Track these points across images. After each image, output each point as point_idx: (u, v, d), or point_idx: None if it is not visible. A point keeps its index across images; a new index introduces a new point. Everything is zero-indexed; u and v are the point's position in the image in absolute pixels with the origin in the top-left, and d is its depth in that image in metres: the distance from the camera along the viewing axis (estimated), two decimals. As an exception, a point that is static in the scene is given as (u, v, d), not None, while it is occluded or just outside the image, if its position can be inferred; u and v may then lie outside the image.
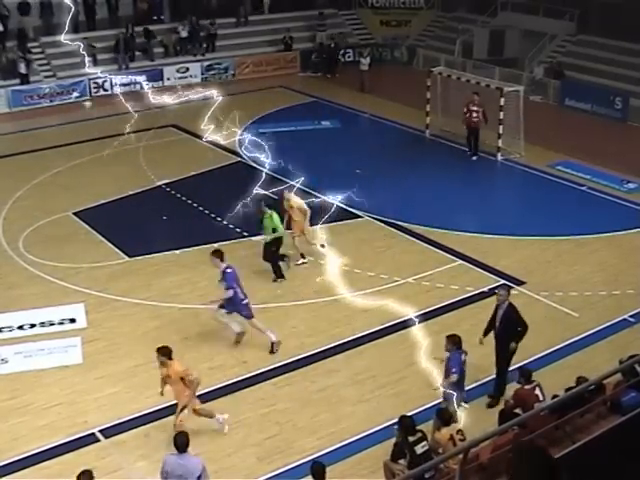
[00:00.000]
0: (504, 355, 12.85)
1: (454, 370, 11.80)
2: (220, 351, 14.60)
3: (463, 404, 12.18)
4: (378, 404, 13.06)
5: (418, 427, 10.70)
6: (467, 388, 12.70)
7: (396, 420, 12.10)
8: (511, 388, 12.18)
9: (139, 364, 14.18)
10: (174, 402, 13.05)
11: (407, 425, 10.40)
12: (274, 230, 16.75)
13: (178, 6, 35.26)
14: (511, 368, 13.13)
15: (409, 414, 11.28)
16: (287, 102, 30.33)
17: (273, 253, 17.10)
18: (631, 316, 15.61)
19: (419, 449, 10.16)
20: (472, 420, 11.81)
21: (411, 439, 10.22)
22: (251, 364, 14.16)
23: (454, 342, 12.03)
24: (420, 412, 12.38)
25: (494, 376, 13.13)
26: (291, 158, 23.42)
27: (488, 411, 11.95)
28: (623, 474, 6.01)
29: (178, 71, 32.58)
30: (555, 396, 10.92)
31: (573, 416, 9.75)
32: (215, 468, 11.70)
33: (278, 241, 16.99)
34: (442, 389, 11.95)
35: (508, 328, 12.79)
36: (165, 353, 11.87)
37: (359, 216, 20.11)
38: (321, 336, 15.00)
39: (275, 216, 16.72)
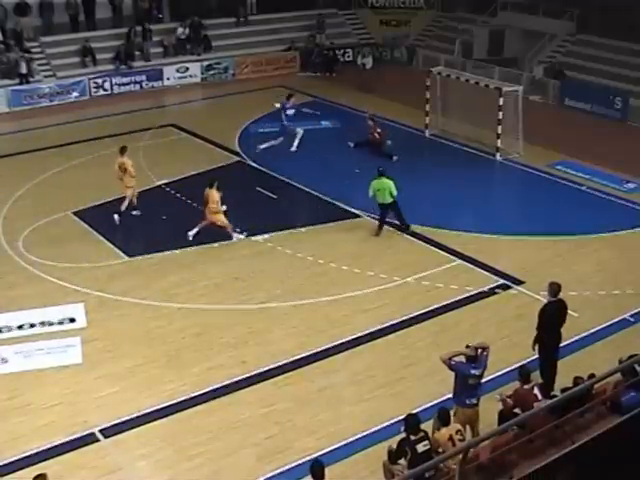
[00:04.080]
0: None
1: (452, 364, 11.54)
2: (220, 351, 14.60)
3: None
4: (378, 404, 13.05)
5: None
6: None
7: (395, 420, 12.15)
8: (511, 388, 12.16)
9: (138, 364, 14.20)
10: (173, 402, 13.10)
11: (411, 423, 10.35)
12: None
13: (178, 6, 35.25)
14: (510, 368, 13.19)
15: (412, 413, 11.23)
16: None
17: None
18: (631, 316, 15.60)
19: (420, 448, 10.14)
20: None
21: (413, 438, 10.20)
22: (250, 364, 14.15)
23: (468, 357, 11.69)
24: (419, 412, 12.37)
25: (490, 378, 13.08)
26: (291, 158, 23.50)
27: (487, 411, 11.91)
28: (623, 474, 6.03)
29: (178, 71, 32.58)
30: (554, 396, 10.93)
31: (573, 416, 9.75)
32: (215, 468, 11.74)
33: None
34: None
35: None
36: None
37: (359, 216, 20.13)
38: (321, 336, 15.00)
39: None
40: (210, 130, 26.34)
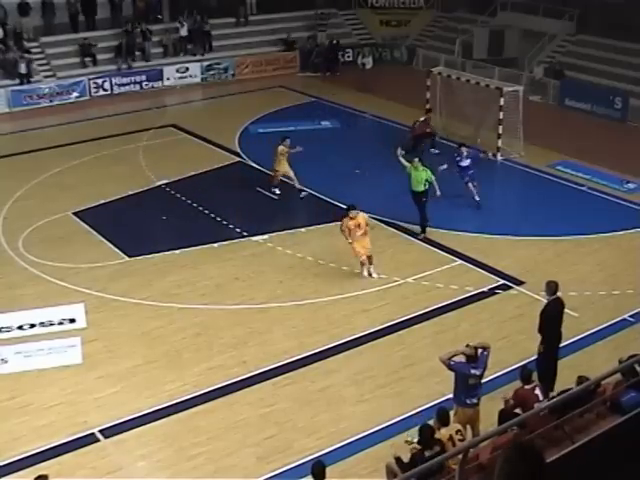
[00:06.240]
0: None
1: (451, 364, 11.54)
2: (220, 351, 14.60)
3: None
4: (378, 404, 13.06)
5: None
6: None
7: (395, 420, 12.16)
8: (511, 388, 12.16)
9: (139, 364, 14.20)
10: (173, 402, 13.10)
11: (426, 437, 10.10)
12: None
13: (177, 6, 35.24)
14: (510, 368, 13.22)
15: (415, 418, 11.18)
16: (287, 102, 30.33)
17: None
18: (631, 316, 15.60)
19: None
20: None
21: (427, 454, 9.97)
22: (251, 364, 14.16)
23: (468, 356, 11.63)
24: (419, 412, 12.40)
25: (490, 378, 13.07)
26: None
27: (487, 411, 11.93)
28: (623, 474, 6.01)
29: (178, 71, 32.57)
30: (556, 395, 10.91)
31: (573, 416, 9.74)
32: (215, 468, 11.74)
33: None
34: None
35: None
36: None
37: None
38: (321, 336, 15.01)
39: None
40: (210, 130, 26.34)
